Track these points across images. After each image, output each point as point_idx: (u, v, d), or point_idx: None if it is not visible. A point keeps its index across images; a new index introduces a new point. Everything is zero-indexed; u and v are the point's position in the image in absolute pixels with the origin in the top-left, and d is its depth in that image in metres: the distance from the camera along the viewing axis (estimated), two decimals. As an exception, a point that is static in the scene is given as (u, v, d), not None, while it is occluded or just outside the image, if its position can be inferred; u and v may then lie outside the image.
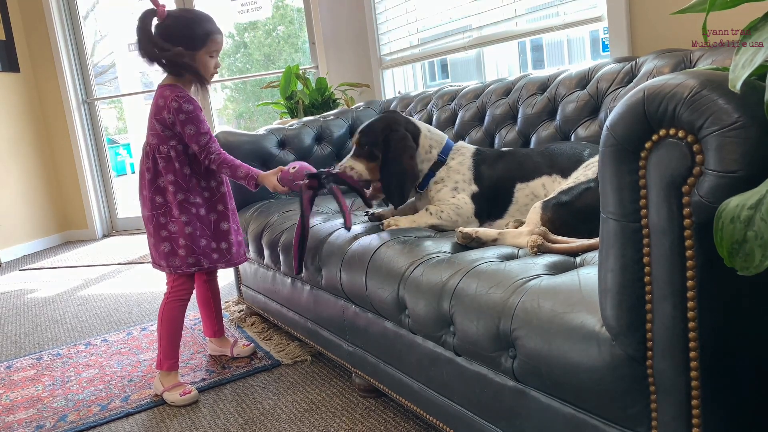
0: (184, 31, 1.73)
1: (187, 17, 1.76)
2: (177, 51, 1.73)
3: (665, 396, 0.82)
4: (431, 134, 1.74)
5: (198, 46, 1.74)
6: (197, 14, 1.77)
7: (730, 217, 0.63)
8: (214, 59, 1.79)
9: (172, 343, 1.84)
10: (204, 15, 1.78)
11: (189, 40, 1.73)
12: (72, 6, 4.66)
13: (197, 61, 1.76)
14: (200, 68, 1.77)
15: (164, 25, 1.73)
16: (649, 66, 1.63)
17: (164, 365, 1.83)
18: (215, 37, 1.76)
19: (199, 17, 1.76)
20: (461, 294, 1.15)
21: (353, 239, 1.60)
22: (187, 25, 1.74)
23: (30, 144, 4.61)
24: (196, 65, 1.76)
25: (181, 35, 1.73)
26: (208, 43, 1.75)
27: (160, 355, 1.84)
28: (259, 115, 6.59)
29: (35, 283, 3.55)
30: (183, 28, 1.73)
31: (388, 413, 1.58)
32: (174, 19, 1.74)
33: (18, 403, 1.90)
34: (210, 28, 1.76)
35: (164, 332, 1.83)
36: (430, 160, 1.71)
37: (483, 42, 2.72)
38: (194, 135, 1.74)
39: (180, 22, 1.74)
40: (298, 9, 5.39)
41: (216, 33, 1.77)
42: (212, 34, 1.76)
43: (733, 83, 0.66)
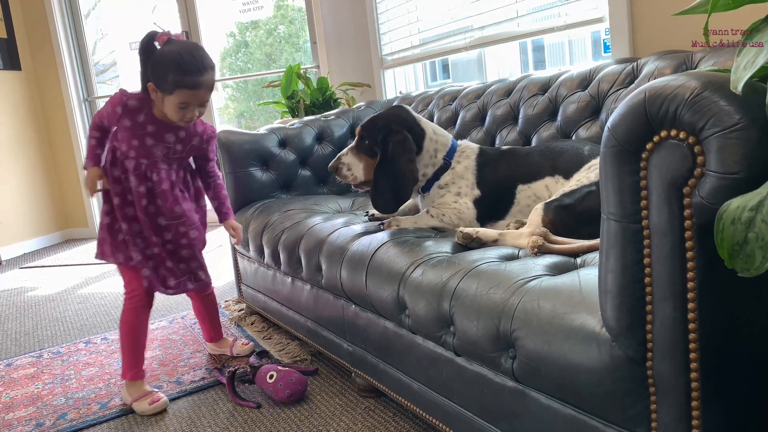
0: (159, 69, 1.63)
1: (167, 58, 1.62)
2: (149, 85, 1.66)
3: (665, 397, 0.82)
4: (437, 136, 1.70)
5: (165, 91, 1.64)
6: (181, 58, 1.61)
7: (731, 218, 0.63)
8: (185, 110, 1.66)
9: (132, 351, 1.79)
10: (188, 62, 1.61)
11: (159, 81, 1.63)
12: (73, 4, 4.66)
13: (165, 104, 1.66)
14: (167, 111, 1.67)
15: (154, 54, 1.65)
16: (651, 67, 1.63)
17: (127, 375, 1.78)
18: (186, 92, 1.62)
19: (179, 64, 1.60)
20: (461, 294, 1.15)
21: (354, 239, 1.60)
22: (162, 65, 1.62)
23: (31, 142, 4.61)
24: (163, 105, 1.67)
25: (154, 72, 1.64)
26: (175, 93, 1.62)
27: (123, 365, 1.79)
28: (260, 115, 6.59)
29: (35, 281, 3.55)
30: (158, 66, 1.63)
31: (388, 413, 1.58)
32: (160, 53, 1.64)
33: (18, 401, 1.90)
34: (182, 80, 1.60)
35: (123, 340, 1.78)
36: (435, 165, 1.68)
37: (484, 42, 2.72)
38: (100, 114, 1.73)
39: (160, 59, 1.63)
40: (300, 8, 5.39)
41: (188, 87, 1.61)
42: (182, 88, 1.61)
43: (734, 85, 0.66)
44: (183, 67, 1.61)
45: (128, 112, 1.69)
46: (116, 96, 1.70)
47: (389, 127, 1.64)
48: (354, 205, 2.23)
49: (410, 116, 1.70)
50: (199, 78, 1.62)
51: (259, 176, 2.41)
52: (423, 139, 1.68)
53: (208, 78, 1.65)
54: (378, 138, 1.64)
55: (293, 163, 2.49)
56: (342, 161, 1.70)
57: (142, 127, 1.70)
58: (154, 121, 1.71)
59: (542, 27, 2.42)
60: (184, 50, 1.63)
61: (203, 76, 1.63)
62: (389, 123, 1.66)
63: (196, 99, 1.65)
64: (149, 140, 1.72)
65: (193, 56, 1.63)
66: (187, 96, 1.63)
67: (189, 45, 1.70)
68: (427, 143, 1.68)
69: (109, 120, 1.73)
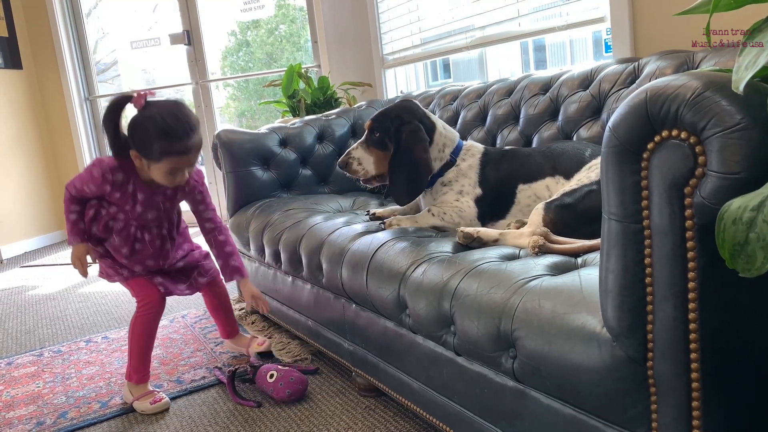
0: (142, 137, 1.54)
1: (151, 125, 1.52)
2: (133, 153, 1.58)
3: (665, 397, 0.82)
4: (446, 132, 1.71)
5: (152, 159, 1.56)
6: (165, 124, 1.52)
7: (732, 218, 0.63)
8: (174, 175, 1.59)
9: (140, 357, 1.77)
10: (173, 128, 1.52)
11: (144, 150, 1.55)
12: (74, 3, 4.66)
13: (151, 170, 1.59)
14: (154, 176, 1.60)
15: (131, 120, 1.57)
16: (652, 67, 1.63)
17: (133, 377, 1.77)
18: (174, 159, 1.55)
19: (163, 131, 1.52)
20: (462, 294, 1.15)
21: (354, 238, 1.60)
22: (145, 133, 1.54)
23: (32, 141, 4.61)
24: (149, 172, 1.60)
25: (137, 141, 1.56)
26: (163, 161, 1.55)
27: (128, 367, 1.78)
28: (261, 114, 6.59)
29: (36, 280, 3.55)
30: (141, 134, 1.55)
31: (388, 412, 1.58)
32: (140, 120, 1.55)
33: (18, 399, 1.90)
34: (170, 148, 1.53)
35: (132, 345, 1.77)
36: (442, 159, 1.69)
37: (485, 42, 2.72)
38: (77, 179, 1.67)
39: (142, 126, 1.54)
40: (301, 8, 5.39)
41: (177, 154, 1.54)
42: (170, 155, 1.54)
43: (736, 85, 0.65)
44: (169, 134, 1.52)
45: (116, 187, 1.64)
46: (96, 171, 1.63)
47: (401, 118, 1.64)
48: (355, 205, 2.23)
49: (420, 109, 1.71)
50: (187, 143, 1.55)
51: (259, 175, 2.41)
52: (434, 132, 1.69)
53: (196, 140, 1.58)
54: (390, 130, 1.64)
55: (294, 162, 2.49)
56: (352, 156, 1.69)
57: (132, 196, 1.66)
58: (143, 189, 1.67)
59: (543, 27, 2.42)
60: (167, 113, 1.54)
61: (191, 139, 1.56)
62: (401, 114, 1.66)
63: (185, 163, 1.59)
64: (139, 207, 1.68)
65: (178, 119, 1.54)
66: (176, 162, 1.56)
67: (170, 106, 1.57)
68: (437, 136, 1.69)
69: (93, 193, 1.66)
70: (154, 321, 1.78)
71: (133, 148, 1.58)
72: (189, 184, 1.75)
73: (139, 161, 1.60)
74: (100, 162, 1.65)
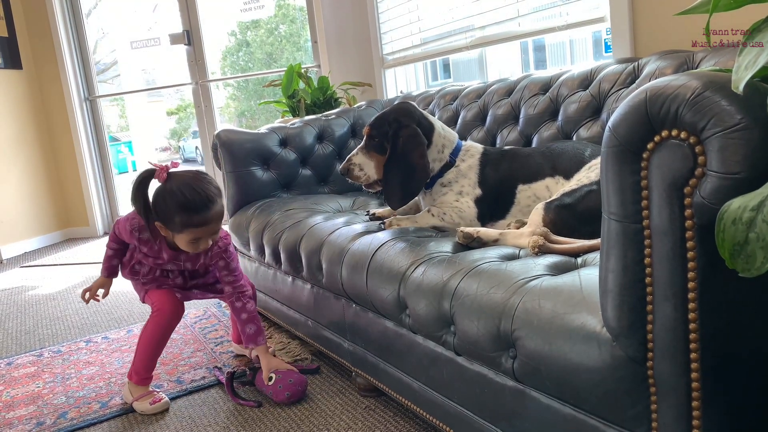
0: (164, 211, 1.62)
1: (171, 199, 1.59)
2: (157, 224, 1.65)
3: (665, 397, 0.82)
4: (444, 132, 1.71)
5: (174, 230, 1.64)
6: (184, 198, 1.58)
7: (732, 218, 0.63)
8: (197, 243, 1.65)
9: (145, 360, 1.77)
10: (192, 201, 1.58)
11: (167, 221, 1.63)
12: (75, 3, 4.66)
13: (176, 239, 1.67)
14: (179, 244, 1.69)
15: (154, 193, 1.63)
16: (652, 67, 1.63)
17: (135, 378, 1.77)
18: (194, 230, 1.61)
19: (183, 204, 1.58)
20: (462, 294, 1.15)
21: (354, 238, 1.60)
22: (167, 207, 1.60)
23: (32, 141, 4.61)
24: (173, 240, 1.69)
25: (160, 213, 1.63)
26: (184, 232, 1.62)
27: (132, 368, 1.78)
28: (260, 114, 6.60)
29: (36, 280, 3.55)
30: (163, 207, 1.61)
31: (388, 412, 1.58)
32: (162, 193, 1.62)
33: (18, 399, 1.90)
34: (190, 220, 1.59)
35: (140, 347, 1.78)
36: (441, 160, 1.69)
37: (485, 42, 2.72)
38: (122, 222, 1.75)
39: (163, 200, 1.61)
40: (301, 8, 5.39)
41: (197, 226, 1.60)
42: (191, 227, 1.60)
43: (736, 85, 0.65)
44: (189, 207, 1.58)
45: (143, 243, 1.74)
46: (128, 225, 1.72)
47: (399, 121, 1.64)
48: (354, 205, 2.23)
49: (417, 111, 1.71)
50: (207, 215, 1.61)
51: (259, 175, 2.41)
52: (432, 133, 1.68)
53: (216, 211, 1.63)
54: (388, 133, 1.63)
55: (294, 162, 2.49)
56: (353, 162, 1.69)
57: (157, 253, 1.76)
58: (167, 250, 1.75)
59: (543, 27, 2.42)
60: (186, 187, 1.60)
61: (210, 211, 1.61)
62: (398, 118, 1.65)
63: (206, 233, 1.65)
64: (161, 261, 1.78)
65: (197, 192, 1.59)
66: (196, 233, 1.63)
67: (190, 178, 1.63)
68: (435, 137, 1.68)
69: (127, 240, 1.78)
70: (167, 327, 1.78)
71: (157, 219, 1.65)
72: (213, 250, 1.78)
73: (164, 230, 1.68)
74: (133, 218, 1.72)
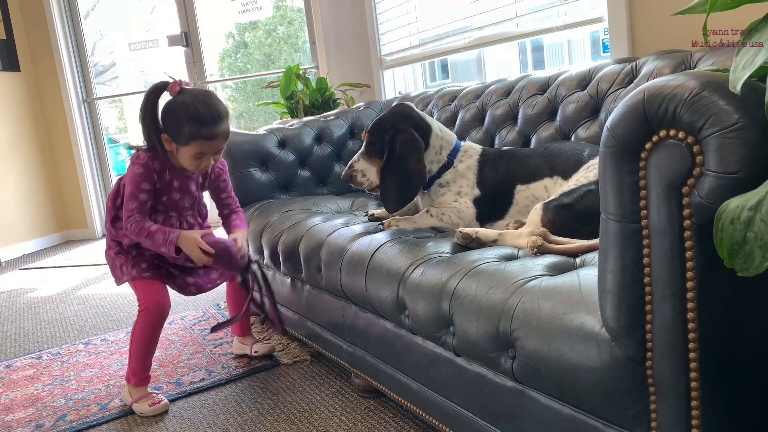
0: (172, 122, 1.63)
1: (182, 110, 1.61)
2: (164, 137, 1.65)
3: (665, 397, 0.82)
4: (442, 133, 1.71)
5: (181, 143, 1.64)
6: (196, 110, 1.61)
7: (730, 218, 0.63)
8: (201, 160, 1.66)
9: (140, 360, 1.76)
10: (203, 114, 1.61)
11: (174, 133, 1.63)
12: (72, 5, 4.66)
13: (180, 154, 1.67)
14: (182, 161, 1.68)
15: (165, 105, 1.65)
16: (650, 67, 1.63)
17: (132, 380, 1.77)
18: (202, 143, 1.62)
19: (194, 116, 1.60)
20: (461, 294, 1.15)
21: (353, 239, 1.60)
22: (177, 118, 1.62)
23: (30, 143, 4.61)
24: (178, 156, 1.68)
25: (168, 124, 1.64)
26: (191, 145, 1.63)
27: (129, 370, 1.78)
28: (259, 115, 6.60)
29: (35, 283, 3.55)
30: (173, 118, 1.63)
31: (388, 413, 1.58)
32: (173, 104, 1.63)
33: (17, 402, 1.90)
34: (198, 132, 1.61)
35: (132, 347, 1.77)
36: (440, 161, 1.69)
37: (483, 42, 2.72)
38: (127, 196, 1.69)
39: (174, 111, 1.63)
40: (299, 9, 5.39)
41: (204, 138, 1.62)
42: (198, 139, 1.62)
43: (733, 84, 0.66)
44: (198, 119, 1.60)
45: (158, 174, 1.71)
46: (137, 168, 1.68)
47: (396, 126, 1.65)
48: (353, 206, 2.23)
49: (414, 113, 1.71)
50: (214, 129, 1.63)
51: (258, 177, 2.41)
52: (429, 135, 1.69)
53: (223, 127, 1.65)
54: (386, 138, 1.64)
55: (293, 163, 2.49)
56: (355, 168, 1.71)
57: (169, 184, 1.74)
58: (178, 175, 1.75)
59: (541, 27, 2.42)
60: (198, 100, 1.62)
61: (218, 126, 1.64)
62: (396, 122, 1.66)
63: (211, 149, 1.66)
64: (176, 195, 1.76)
65: (208, 106, 1.63)
66: (203, 147, 1.64)
67: (202, 94, 1.67)
68: (433, 139, 1.69)
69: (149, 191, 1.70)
70: (155, 325, 1.76)
71: (165, 132, 1.66)
72: (215, 171, 1.85)
73: (169, 144, 1.67)
74: (136, 158, 1.70)
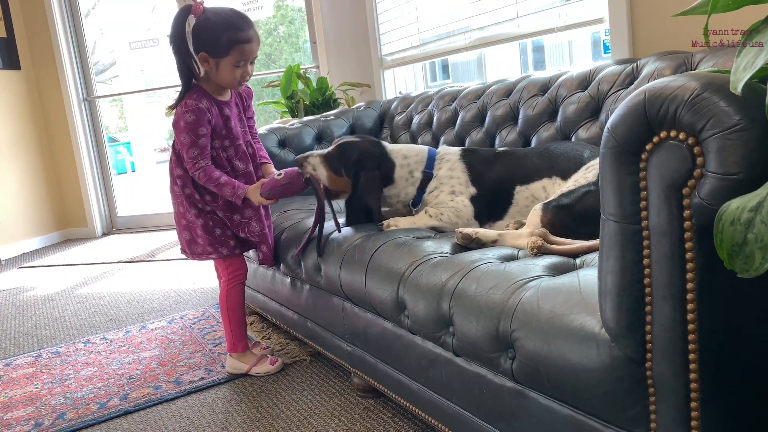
0: (208, 36, 1.67)
1: (215, 21, 1.66)
2: (201, 56, 1.69)
3: (664, 398, 0.82)
4: (408, 159, 1.73)
5: (221, 54, 1.67)
6: (227, 18, 1.67)
7: (731, 219, 0.63)
8: (241, 68, 1.70)
9: (241, 325, 1.91)
10: (235, 20, 1.68)
11: (212, 46, 1.67)
12: (73, 4, 4.66)
13: (220, 69, 1.70)
14: (223, 77, 1.71)
15: (195, 26, 1.68)
16: (651, 68, 1.63)
17: (238, 347, 1.91)
18: (241, 48, 1.67)
19: (228, 23, 1.66)
20: (461, 294, 1.15)
21: (353, 239, 1.60)
22: (212, 30, 1.66)
23: (30, 142, 4.61)
24: (218, 73, 1.71)
25: (205, 40, 1.67)
26: (231, 53, 1.67)
27: (232, 339, 1.90)
28: (260, 115, 6.60)
29: (34, 281, 3.55)
30: (208, 32, 1.66)
31: (387, 413, 1.58)
32: (204, 20, 1.67)
33: (16, 400, 1.90)
34: (236, 36, 1.66)
35: (231, 317, 1.89)
36: (415, 183, 1.72)
37: (484, 43, 2.72)
38: (186, 145, 1.71)
39: (207, 26, 1.67)
40: (299, 8, 5.39)
41: (243, 42, 1.67)
42: (237, 44, 1.66)
43: (734, 86, 0.66)
44: (234, 25, 1.66)
45: (201, 113, 1.72)
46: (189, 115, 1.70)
47: (362, 164, 1.69)
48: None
49: (380, 150, 1.74)
50: (249, 31, 1.69)
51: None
52: (393, 171, 1.72)
53: (255, 31, 1.72)
54: (351, 170, 1.70)
55: (293, 163, 2.49)
56: (309, 161, 1.75)
57: (220, 116, 1.77)
58: (217, 103, 1.77)
59: (542, 28, 2.42)
60: (226, 11, 1.69)
61: (252, 28, 1.70)
62: (362, 160, 1.69)
63: (249, 55, 1.70)
64: (230, 122, 1.79)
65: (237, 13, 1.70)
66: (242, 53, 1.68)
67: (225, 7, 1.72)
68: (398, 172, 1.72)
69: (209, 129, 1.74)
70: (243, 293, 1.93)
71: (202, 50, 1.69)
72: (246, 90, 1.90)
73: (207, 64, 1.70)
74: (185, 105, 1.71)
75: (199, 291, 2.93)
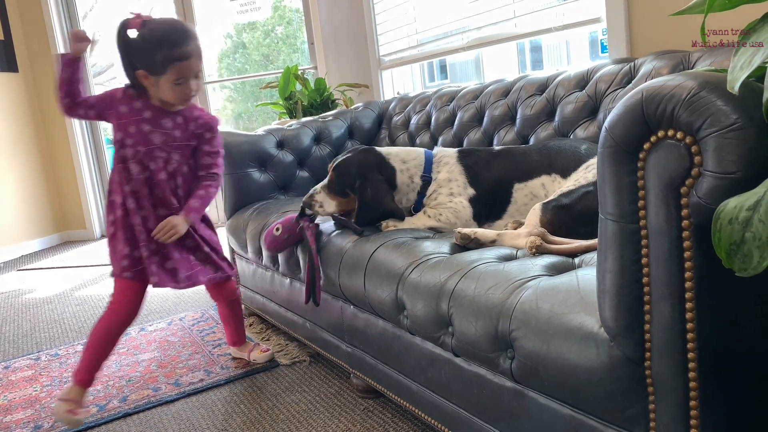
0: (144, 54, 1.58)
1: (149, 38, 1.57)
2: (140, 73, 1.61)
3: (663, 397, 0.82)
4: (407, 164, 1.71)
5: (158, 72, 1.58)
6: (163, 34, 1.57)
7: (729, 218, 0.63)
8: (182, 86, 1.61)
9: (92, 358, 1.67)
10: (170, 36, 1.57)
11: (149, 64, 1.58)
12: (71, 6, 4.66)
13: (160, 87, 1.61)
14: (164, 94, 1.62)
15: (134, 41, 1.59)
16: (648, 67, 1.63)
17: (75, 378, 1.68)
18: (178, 66, 1.57)
19: (163, 39, 1.56)
20: (460, 295, 1.15)
21: (352, 240, 1.60)
22: (147, 48, 1.57)
23: (28, 144, 4.60)
24: (158, 90, 1.62)
25: (142, 58, 1.59)
26: (168, 72, 1.58)
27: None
28: (258, 116, 6.59)
29: (33, 283, 3.54)
30: (143, 50, 1.58)
31: (387, 414, 1.58)
32: (140, 37, 1.58)
33: (16, 403, 1.90)
34: (171, 54, 1.56)
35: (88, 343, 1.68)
36: (415, 188, 1.70)
37: (482, 43, 2.72)
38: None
39: (141, 44, 1.58)
40: (297, 9, 5.39)
41: (179, 60, 1.57)
42: (174, 62, 1.57)
43: (731, 85, 0.66)
44: (168, 42, 1.57)
45: (127, 98, 1.67)
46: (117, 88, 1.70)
47: (364, 174, 1.66)
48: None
49: (379, 157, 1.71)
50: (187, 48, 1.59)
51: (257, 177, 2.41)
52: (395, 177, 1.70)
53: (195, 45, 1.62)
54: (354, 184, 1.66)
55: (291, 164, 2.49)
56: (315, 199, 1.71)
57: (138, 113, 1.67)
58: (151, 107, 1.68)
59: (540, 27, 2.42)
60: (164, 26, 1.60)
61: (190, 44, 1.60)
62: (363, 170, 1.67)
63: (189, 71, 1.61)
64: (146, 126, 1.67)
65: (175, 28, 1.60)
66: (180, 70, 1.59)
67: (165, 20, 1.63)
68: (399, 178, 1.70)
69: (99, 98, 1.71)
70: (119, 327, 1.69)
71: (140, 67, 1.61)
72: (202, 118, 1.74)
73: (147, 80, 1.62)
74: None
75: (198, 293, 2.93)
